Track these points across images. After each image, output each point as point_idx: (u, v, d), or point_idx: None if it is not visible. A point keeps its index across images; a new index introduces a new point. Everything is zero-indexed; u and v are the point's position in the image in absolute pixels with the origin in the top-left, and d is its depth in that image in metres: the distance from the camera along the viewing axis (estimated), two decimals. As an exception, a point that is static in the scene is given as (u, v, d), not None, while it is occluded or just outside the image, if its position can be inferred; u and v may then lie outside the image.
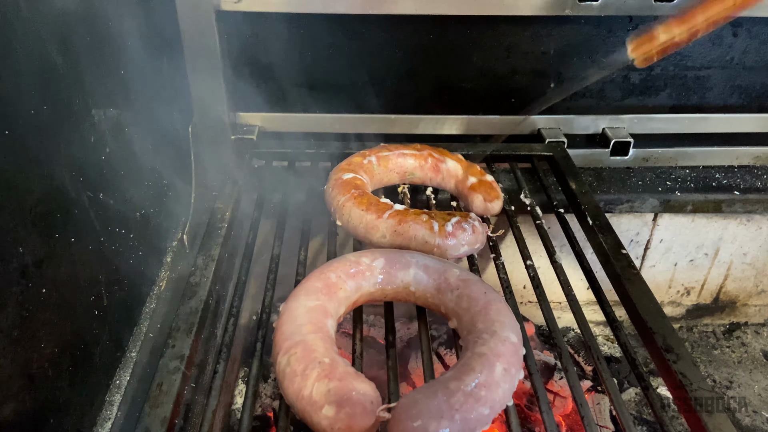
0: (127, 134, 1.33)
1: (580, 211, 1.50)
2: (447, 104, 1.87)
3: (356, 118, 1.83)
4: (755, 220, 1.99)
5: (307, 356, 0.94)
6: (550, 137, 1.83)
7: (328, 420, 0.87)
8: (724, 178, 1.95)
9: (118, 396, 1.22)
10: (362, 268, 1.14)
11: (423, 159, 1.55)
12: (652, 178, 1.94)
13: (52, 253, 1.00)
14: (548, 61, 1.81)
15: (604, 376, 1.08)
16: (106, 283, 1.20)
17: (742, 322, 2.28)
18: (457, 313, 1.09)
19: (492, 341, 0.97)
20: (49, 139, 1.01)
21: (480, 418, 0.89)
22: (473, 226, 1.30)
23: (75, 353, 1.08)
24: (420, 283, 1.15)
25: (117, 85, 1.29)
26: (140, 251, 1.37)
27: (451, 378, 0.92)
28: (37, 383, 0.95)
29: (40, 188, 0.97)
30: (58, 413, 1.01)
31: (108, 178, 1.22)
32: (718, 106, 1.92)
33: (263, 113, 1.80)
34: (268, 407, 1.80)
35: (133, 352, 1.31)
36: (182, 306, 1.15)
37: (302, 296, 1.07)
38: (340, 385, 0.88)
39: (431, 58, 1.79)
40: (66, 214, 1.05)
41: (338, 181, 1.43)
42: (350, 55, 1.76)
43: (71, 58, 1.10)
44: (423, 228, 1.27)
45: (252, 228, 1.43)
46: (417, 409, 0.86)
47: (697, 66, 1.84)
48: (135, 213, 1.36)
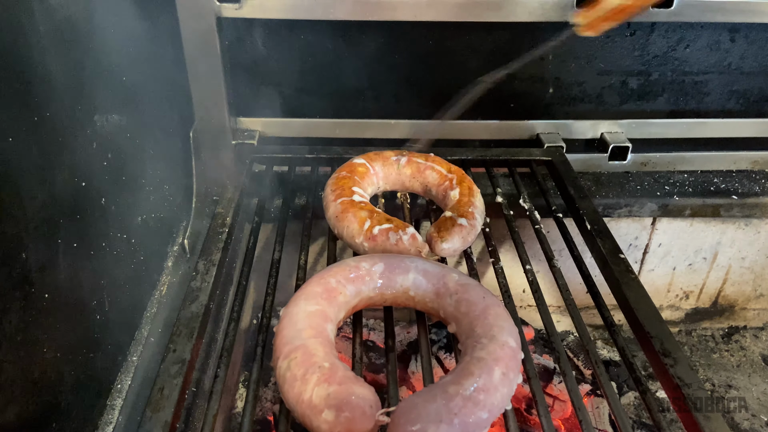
0: (129, 140, 1.34)
1: (579, 216, 1.51)
2: (446, 109, 1.88)
3: (356, 123, 1.85)
4: (753, 225, 1.99)
5: (307, 360, 0.95)
6: (548, 142, 1.84)
7: (328, 424, 0.87)
8: (723, 183, 1.96)
9: (119, 400, 1.22)
10: (362, 273, 1.15)
11: (418, 171, 1.55)
12: (651, 183, 1.95)
13: (54, 258, 1.01)
14: (546, 67, 1.82)
15: (603, 380, 1.08)
16: (107, 288, 1.21)
17: (740, 326, 2.29)
18: (455, 317, 1.10)
19: (491, 346, 0.98)
20: (52, 145, 1.02)
21: (479, 422, 0.90)
22: (399, 239, 1.28)
23: (77, 358, 1.08)
24: (419, 287, 1.16)
25: (119, 91, 1.30)
26: (141, 256, 1.38)
27: (450, 382, 0.92)
28: (40, 387, 0.96)
29: (43, 194, 0.98)
30: (59, 417, 1.02)
31: (110, 184, 1.23)
32: (716, 110, 1.93)
33: (264, 118, 1.82)
34: (268, 411, 1.81)
35: (134, 357, 1.32)
36: (183, 310, 1.16)
37: (302, 301, 1.08)
38: (340, 389, 0.89)
39: (430, 63, 1.81)
40: (68, 220, 1.06)
41: (333, 188, 1.44)
42: (350, 61, 1.77)
43: (73, 65, 1.11)
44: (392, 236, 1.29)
45: (253, 232, 1.44)
46: (416, 413, 0.87)
47: (694, 71, 1.86)
48: (136, 218, 1.37)
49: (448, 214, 1.36)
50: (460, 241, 1.32)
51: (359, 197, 1.40)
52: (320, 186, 1.60)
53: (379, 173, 1.55)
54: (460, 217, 1.34)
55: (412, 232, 1.29)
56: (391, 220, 1.32)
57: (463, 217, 1.34)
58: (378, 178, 1.55)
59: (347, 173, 1.49)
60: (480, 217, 1.40)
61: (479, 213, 1.40)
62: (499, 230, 1.90)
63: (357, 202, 1.37)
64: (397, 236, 1.27)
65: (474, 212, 1.38)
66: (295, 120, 1.83)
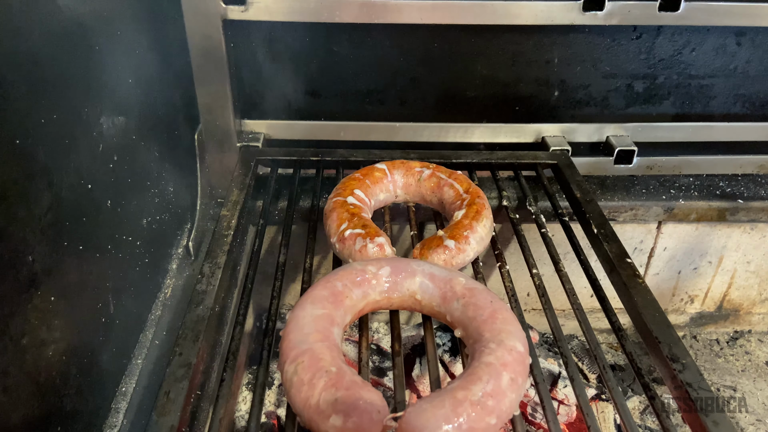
0: (134, 142, 1.34)
1: (585, 220, 1.51)
2: (451, 112, 1.88)
3: (361, 125, 1.84)
4: (759, 229, 1.99)
5: (314, 365, 0.94)
6: (554, 145, 1.83)
7: (336, 429, 0.87)
8: (728, 187, 1.95)
9: (124, 403, 1.22)
10: (368, 277, 1.15)
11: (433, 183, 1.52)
12: (656, 186, 1.94)
13: (60, 261, 1.01)
14: (552, 70, 1.82)
15: (610, 384, 1.08)
16: (112, 291, 1.20)
17: (746, 330, 2.28)
18: (463, 322, 1.09)
19: (499, 350, 0.97)
20: (59, 148, 1.01)
21: (487, 428, 0.89)
22: (363, 246, 1.26)
23: (82, 361, 1.08)
24: (426, 291, 1.15)
25: (125, 93, 1.29)
26: (146, 258, 1.38)
27: (458, 387, 0.92)
28: (45, 390, 0.96)
29: (49, 197, 0.97)
30: (65, 420, 1.02)
31: (115, 187, 1.23)
32: (722, 114, 1.92)
33: (269, 120, 1.81)
34: (271, 414, 1.80)
35: (138, 360, 1.31)
36: (189, 314, 1.15)
37: (308, 305, 1.07)
38: (347, 394, 0.88)
39: (435, 66, 1.80)
40: (74, 223, 1.06)
41: (337, 187, 1.45)
42: (355, 64, 1.77)
43: (81, 68, 1.11)
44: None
45: (258, 235, 1.44)
46: (425, 418, 0.87)
47: (700, 75, 1.85)
48: (141, 220, 1.37)
49: (439, 233, 1.33)
50: (441, 264, 1.26)
51: (354, 199, 1.39)
52: (325, 188, 1.60)
53: (398, 182, 1.53)
54: (450, 239, 1.30)
55: (380, 242, 1.26)
56: (367, 226, 1.30)
57: (453, 240, 1.29)
58: (395, 186, 1.53)
59: (361, 176, 1.49)
60: (476, 242, 1.32)
61: (476, 239, 1.32)
62: (505, 234, 1.90)
63: (347, 204, 1.37)
64: (363, 243, 1.26)
65: (469, 236, 1.31)
66: (300, 122, 1.83)
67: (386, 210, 1.55)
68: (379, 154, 1.70)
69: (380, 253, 1.25)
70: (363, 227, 1.29)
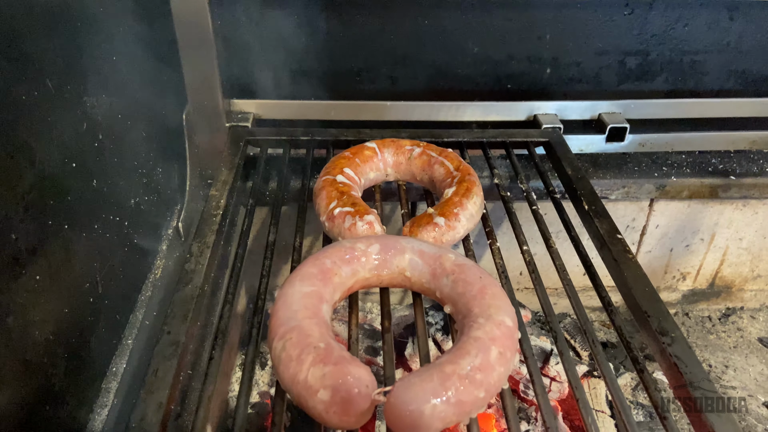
0: (120, 121, 1.32)
1: (576, 197, 1.50)
2: (442, 91, 1.87)
3: (351, 105, 1.83)
4: (751, 205, 1.99)
5: (303, 341, 0.94)
6: (546, 123, 1.82)
7: (324, 404, 0.87)
8: (720, 163, 1.95)
9: (114, 383, 1.22)
10: (357, 254, 1.14)
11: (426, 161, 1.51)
12: (648, 164, 1.94)
13: (45, 240, 1.00)
14: (544, 47, 1.80)
15: (599, 358, 1.08)
16: (100, 271, 1.20)
17: (737, 307, 2.29)
18: (452, 298, 1.09)
19: (487, 325, 0.97)
20: (41, 125, 1.00)
21: (475, 401, 0.89)
22: (353, 224, 1.25)
23: (70, 341, 1.08)
24: (415, 268, 1.15)
25: (109, 71, 1.28)
26: (135, 239, 1.37)
27: (447, 361, 0.91)
28: (32, 370, 0.95)
29: (32, 175, 0.96)
30: (53, 401, 1.01)
31: (101, 166, 1.22)
32: (715, 90, 1.92)
33: (258, 100, 1.79)
34: (266, 395, 1.81)
35: (129, 340, 1.31)
36: (177, 293, 1.15)
37: (297, 282, 1.06)
38: (336, 369, 0.88)
39: (426, 44, 1.78)
40: (59, 201, 1.04)
41: (327, 166, 1.44)
42: (345, 42, 1.75)
43: (62, 44, 1.09)
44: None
45: (248, 215, 1.43)
46: (413, 393, 0.86)
47: (693, 50, 1.84)
48: (129, 200, 1.36)
49: (429, 211, 1.32)
50: (431, 241, 1.25)
51: (343, 178, 1.38)
52: (315, 168, 1.58)
53: (388, 160, 1.52)
54: (440, 216, 1.29)
55: (369, 220, 1.25)
56: (356, 204, 1.29)
57: (443, 217, 1.28)
58: (385, 164, 1.52)
59: (350, 154, 1.47)
60: (466, 220, 1.31)
61: (466, 216, 1.31)
62: (497, 213, 1.89)
63: (337, 182, 1.36)
64: (352, 221, 1.25)
65: (459, 213, 1.30)
66: (290, 102, 1.81)
67: (377, 189, 1.54)
68: (369, 134, 1.69)
69: (370, 231, 1.24)
70: (352, 205, 1.28)
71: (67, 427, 1.06)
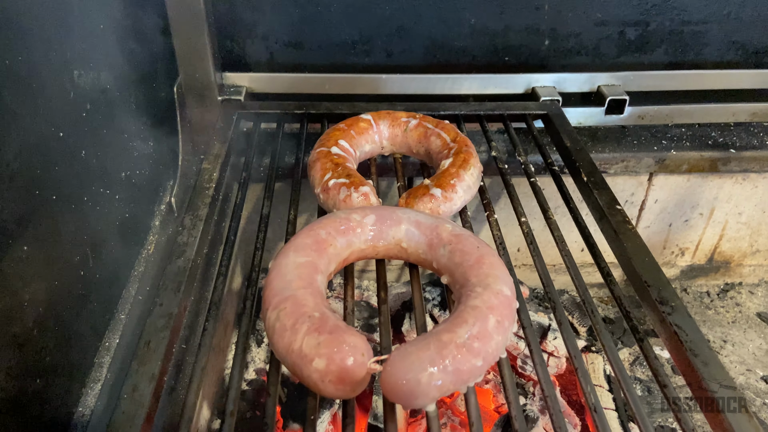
0: (109, 92, 1.29)
1: (575, 168, 1.48)
2: (439, 63, 1.83)
3: (346, 78, 1.80)
4: (751, 179, 1.97)
5: (297, 311, 0.92)
6: (544, 96, 1.80)
7: (319, 373, 0.85)
8: (720, 136, 1.93)
9: (107, 358, 1.20)
10: (353, 225, 1.12)
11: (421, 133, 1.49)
12: (648, 138, 1.91)
13: (32, 210, 0.97)
14: (543, 18, 1.77)
15: (598, 327, 1.06)
16: (91, 244, 1.17)
17: (736, 283, 2.28)
18: (449, 268, 1.07)
19: (485, 294, 0.96)
20: (25, 91, 0.97)
21: (473, 369, 0.88)
22: (348, 195, 1.23)
23: (61, 314, 1.05)
24: (412, 239, 1.13)
25: (97, 41, 1.24)
26: (126, 213, 1.35)
27: (444, 330, 0.90)
28: (21, 343, 0.93)
29: (17, 142, 0.93)
30: (44, 373, 1.00)
31: (89, 137, 1.19)
32: (715, 62, 1.89)
33: (251, 73, 1.76)
34: (262, 372, 1.80)
35: (122, 315, 1.29)
36: (170, 265, 1.13)
37: (291, 253, 1.04)
38: (331, 338, 0.86)
39: (422, 15, 1.75)
40: (46, 171, 1.02)
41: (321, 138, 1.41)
42: (339, 13, 1.71)
43: (47, 9, 1.05)
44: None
45: (241, 188, 1.41)
46: (409, 361, 0.85)
47: (693, 21, 1.81)
48: (119, 173, 1.33)
49: (426, 182, 1.30)
50: (427, 212, 1.23)
51: (338, 149, 1.36)
52: (310, 143, 1.55)
53: (384, 132, 1.49)
54: (437, 187, 1.27)
55: (365, 191, 1.23)
56: (351, 176, 1.27)
57: (439, 188, 1.26)
58: (381, 137, 1.49)
59: (345, 126, 1.45)
60: (463, 191, 1.29)
61: (463, 187, 1.29)
62: (495, 189, 1.87)
63: (332, 154, 1.33)
64: (347, 192, 1.22)
65: (455, 185, 1.28)
66: (283, 75, 1.78)
67: (372, 162, 1.52)
68: (365, 107, 1.66)
69: (365, 203, 1.22)
70: (347, 177, 1.26)
71: (60, 400, 1.04)
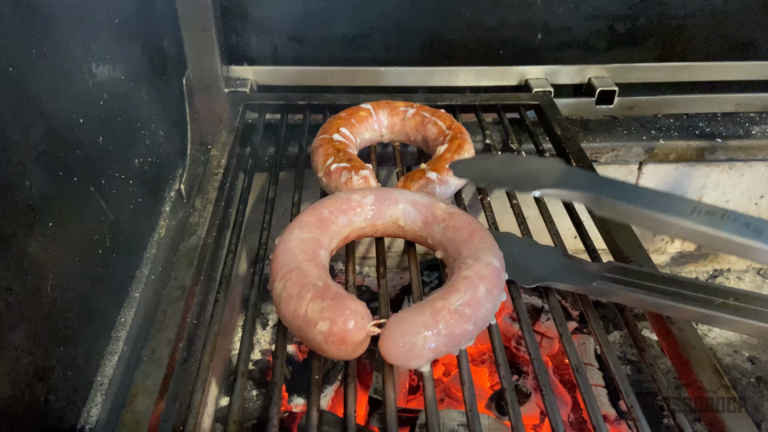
0: (123, 82, 1.36)
1: (565, 155, 1.56)
2: (436, 56, 1.91)
3: (346, 71, 1.87)
4: (737, 168, 2.04)
5: (302, 280, 1.00)
6: (537, 87, 1.87)
7: (323, 335, 0.93)
8: (707, 127, 2.00)
9: (123, 332, 1.28)
10: (353, 204, 1.19)
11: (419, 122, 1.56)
12: (637, 128, 1.98)
13: (56, 189, 1.05)
14: (535, 12, 1.84)
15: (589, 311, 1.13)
16: (108, 225, 1.25)
17: (725, 269, 2.35)
18: (443, 243, 1.15)
19: (476, 266, 1.03)
20: (50, 79, 1.05)
21: (464, 333, 0.95)
22: (349, 178, 1.30)
23: (81, 288, 1.13)
24: (408, 217, 1.20)
25: (112, 35, 1.32)
26: (140, 197, 1.42)
27: (438, 298, 0.98)
28: (46, 312, 1.01)
29: (43, 126, 1.01)
30: (68, 343, 1.07)
31: (106, 124, 1.27)
32: (702, 54, 1.96)
33: (256, 67, 1.84)
34: (267, 353, 1.87)
35: (136, 293, 1.36)
36: (182, 243, 1.21)
37: (296, 229, 1.12)
38: (333, 303, 0.94)
39: (420, 10, 1.82)
40: (68, 154, 1.09)
41: (324, 126, 1.49)
42: (340, 9, 1.79)
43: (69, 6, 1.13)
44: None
45: (247, 175, 1.48)
46: (405, 325, 0.93)
47: (680, 15, 1.88)
48: (133, 160, 1.41)
49: (422, 167, 1.37)
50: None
51: (339, 136, 1.43)
52: (312, 132, 1.63)
53: (383, 121, 1.57)
54: (432, 170, 1.34)
55: (365, 174, 1.30)
56: (352, 160, 1.34)
57: (435, 171, 1.33)
58: (380, 125, 1.57)
59: (346, 115, 1.52)
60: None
61: None
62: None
63: (334, 141, 1.41)
64: (348, 175, 1.30)
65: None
66: (287, 68, 1.85)
67: (372, 150, 1.59)
68: (365, 98, 1.73)
69: (365, 185, 1.30)
70: (348, 161, 1.34)
71: (80, 369, 1.12)
